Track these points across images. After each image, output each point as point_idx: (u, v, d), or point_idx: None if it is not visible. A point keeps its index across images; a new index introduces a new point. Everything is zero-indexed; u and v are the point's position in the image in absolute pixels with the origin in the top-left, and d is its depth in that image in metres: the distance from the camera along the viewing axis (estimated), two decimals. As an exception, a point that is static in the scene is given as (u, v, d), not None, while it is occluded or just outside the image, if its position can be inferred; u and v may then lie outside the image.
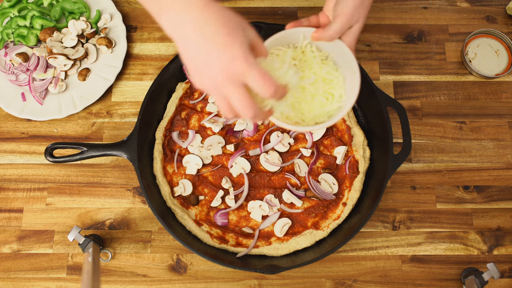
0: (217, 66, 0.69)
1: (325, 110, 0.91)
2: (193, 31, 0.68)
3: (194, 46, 0.69)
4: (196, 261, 1.21)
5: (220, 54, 0.68)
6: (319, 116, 0.91)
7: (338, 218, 1.17)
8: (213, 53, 0.68)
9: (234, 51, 0.68)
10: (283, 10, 1.43)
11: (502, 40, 1.37)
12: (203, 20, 0.68)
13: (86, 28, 1.35)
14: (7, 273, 1.20)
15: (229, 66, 0.68)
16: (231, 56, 0.68)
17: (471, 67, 1.32)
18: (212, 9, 0.69)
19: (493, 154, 1.29)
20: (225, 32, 0.68)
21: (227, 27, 0.69)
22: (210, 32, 0.68)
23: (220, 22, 0.68)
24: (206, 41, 0.68)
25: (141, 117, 1.18)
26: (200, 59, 0.70)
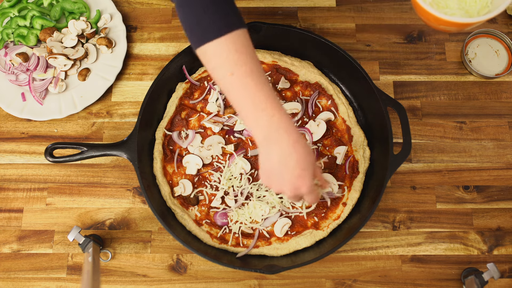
0: (289, 187, 0.93)
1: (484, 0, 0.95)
2: (279, 158, 0.90)
3: (276, 166, 0.91)
4: (196, 261, 1.21)
5: (293, 182, 0.92)
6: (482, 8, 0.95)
7: (338, 218, 1.17)
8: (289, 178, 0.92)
9: (304, 182, 0.92)
10: (283, 10, 1.43)
11: (502, 40, 1.37)
12: (290, 155, 0.90)
13: (86, 28, 1.35)
14: (7, 273, 1.20)
15: (297, 191, 0.94)
16: (301, 185, 0.93)
17: (471, 67, 1.32)
18: (299, 145, 0.90)
19: (493, 154, 1.29)
20: (302, 167, 0.91)
21: (305, 163, 0.91)
22: (292, 164, 0.90)
23: (301, 157, 0.90)
24: (287, 169, 0.91)
25: (141, 117, 1.18)
26: (276, 175, 0.93)
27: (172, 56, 1.38)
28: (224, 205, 1.19)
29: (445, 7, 0.97)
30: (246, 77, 0.87)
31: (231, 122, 1.25)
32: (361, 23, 1.41)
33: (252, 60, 0.88)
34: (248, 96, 0.88)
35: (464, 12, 0.96)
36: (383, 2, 1.43)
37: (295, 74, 1.30)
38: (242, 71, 0.87)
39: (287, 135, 0.89)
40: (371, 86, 1.19)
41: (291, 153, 0.90)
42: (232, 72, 0.87)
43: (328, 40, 1.23)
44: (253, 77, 0.87)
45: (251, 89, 0.87)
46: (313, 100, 1.27)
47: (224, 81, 0.88)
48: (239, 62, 0.86)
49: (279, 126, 0.89)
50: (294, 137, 0.90)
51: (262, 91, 0.88)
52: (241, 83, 0.87)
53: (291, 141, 0.89)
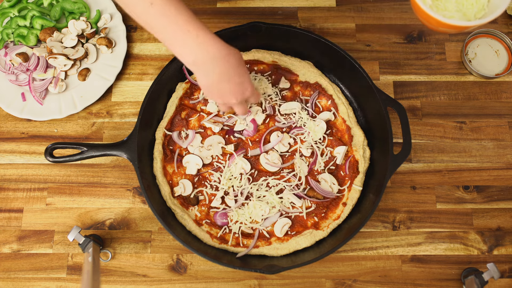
0: (234, 96, 1.05)
1: (481, 3, 0.98)
2: (218, 75, 0.98)
3: (215, 80, 1.00)
4: (196, 261, 1.21)
5: (236, 89, 1.04)
6: (478, 11, 0.99)
7: (338, 218, 1.17)
8: (231, 87, 1.03)
9: (246, 86, 1.05)
10: (283, 10, 1.43)
11: (502, 40, 1.37)
12: (225, 68, 0.98)
13: (86, 28, 1.35)
14: (7, 273, 1.20)
15: (242, 96, 1.06)
16: (244, 89, 1.05)
17: (471, 67, 1.32)
18: (231, 56, 0.98)
19: (493, 154, 1.29)
20: (240, 73, 1.01)
21: (240, 70, 1.01)
22: (231, 75, 1.00)
23: (237, 67, 1.00)
24: (228, 82, 1.01)
25: (141, 117, 1.18)
26: (220, 91, 1.03)
27: (172, 56, 1.38)
28: (224, 205, 1.19)
29: (444, 9, 0.98)
30: (165, 4, 0.90)
31: (231, 122, 1.25)
32: (361, 23, 1.41)
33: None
34: (170, 22, 0.91)
35: (462, 14, 0.98)
36: (383, 2, 1.43)
37: (295, 74, 1.30)
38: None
39: (216, 49, 0.95)
40: (371, 86, 1.19)
41: (225, 65, 0.97)
42: (151, 2, 0.90)
43: (328, 40, 1.23)
44: (172, 3, 0.91)
45: (172, 15, 0.91)
46: (313, 100, 1.27)
47: (146, 14, 0.91)
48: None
49: (207, 43, 0.94)
50: (223, 50, 0.96)
51: (183, 15, 0.91)
52: (162, 11, 0.90)
53: (222, 54, 0.95)
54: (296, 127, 1.25)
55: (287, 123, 1.25)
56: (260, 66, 1.30)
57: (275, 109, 1.26)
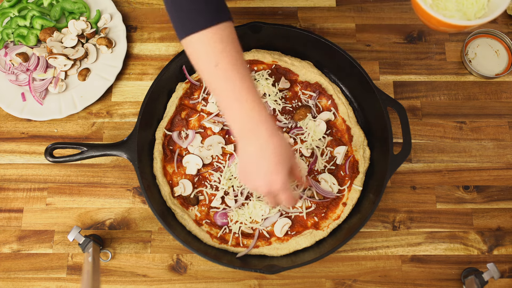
0: (262, 182, 0.93)
1: (481, 2, 0.98)
2: (256, 149, 0.91)
3: (252, 160, 0.92)
4: (196, 261, 1.21)
5: (267, 176, 0.92)
6: (478, 11, 0.99)
7: (338, 218, 1.17)
8: (263, 173, 0.92)
9: (278, 177, 0.92)
10: (283, 10, 1.43)
11: (502, 40, 1.37)
12: (266, 145, 0.90)
13: (86, 28, 1.35)
14: (7, 273, 1.20)
15: (270, 186, 0.93)
16: (274, 180, 0.92)
17: (471, 67, 1.32)
18: (276, 138, 0.91)
19: (493, 154, 1.29)
20: (276, 161, 0.91)
21: (279, 158, 0.91)
22: (268, 155, 0.91)
23: (277, 148, 0.91)
24: (261, 162, 0.91)
25: (141, 117, 1.18)
26: (251, 170, 0.93)
27: (172, 56, 1.38)
28: (224, 205, 1.19)
29: (444, 9, 0.99)
30: (230, 68, 0.87)
31: (231, 122, 1.25)
32: (361, 23, 1.41)
33: (237, 52, 0.89)
34: (231, 88, 0.88)
35: (462, 14, 0.99)
36: (383, 2, 1.43)
37: (295, 74, 1.30)
38: (227, 62, 0.87)
39: (265, 127, 0.90)
40: (371, 86, 1.19)
41: (268, 144, 0.90)
42: (217, 63, 0.87)
43: (328, 40, 1.23)
44: (237, 69, 0.88)
45: (234, 81, 0.88)
46: (314, 100, 1.27)
47: (208, 72, 0.89)
48: (224, 53, 0.87)
49: (258, 119, 0.90)
50: (272, 129, 0.91)
51: (245, 83, 0.89)
52: (224, 75, 0.88)
53: (268, 133, 0.90)
54: (296, 127, 1.25)
55: (287, 123, 1.25)
56: (260, 66, 1.30)
57: (275, 109, 1.26)
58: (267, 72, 1.29)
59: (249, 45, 1.30)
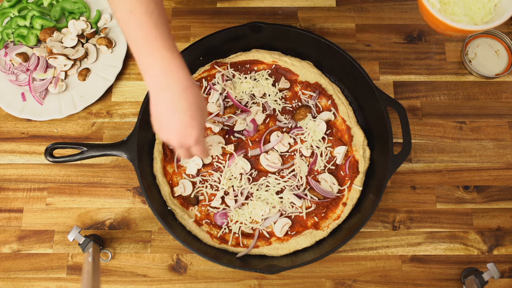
0: (176, 135, 0.93)
1: (488, 7, 0.98)
2: (168, 102, 0.90)
3: (165, 112, 0.91)
4: (196, 261, 1.21)
5: (180, 129, 0.92)
6: (485, 15, 0.99)
7: (338, 218, 1.17)
8: (176, 125, 0.92)
9: (192, 131, 0.93)
10: (283, 10, 1.43)
11: (502, 40, 1.37)
12: (179, 98, 0.90)
13: (86, 28, 1.35)
14: (7, 273, 1.20)
15: (183, 139, 0.94)
16: (188, 133, 0.93)
17: (471, 67, 1.32)
18: (190, 91, 0.91)
19: (493, 154, 1.29)
20: (191, 114, 0.91)
21: (194, 111, 0.91)
22: (180, 110, 0.90)
23: (190, 105, 0.91)
24: (175, 114, 0.91)
25: (141, 117, 1.18)
26: (165, 121, 0.92)
27: (172, 56, 1.38)
28: (224, 205, 1.19)
29: (452, 13, 0.99)
30: (144, 16, 0.87)
31: (231, 122, 1.25)
32: (361, 23, 1.41)
33: (154, 3, 0.89)
34: (143, 35, 0.88)
35: (469, 18, 0.99)
36: (383, 2, 1.43)
37: (295, 74, 1.30)
38: (142, 10, 0.87)
39: (178, 79, 0.89)
40: (371, 86, 1.19)
41: (181, 98, 0.90)
42: (131, 10, 0.87)
43: (328, 40, 1.23)
44: (152, 17, 0.88)
45: (147, 29, 0.88)
46: (314, 100, 1.27)
47: (123, 19, 0.89)
48: (140, 1, 0.87)
49: (171, 69, 0.89)
50: (185, 82, 0.90)
51: (159, 32, 0.88)
52: (138, 22, 0.87)
53: (181, 86, 0.89)
54: (296, 127, 1.25)
55: (287, 123, 1.25)
56: (260, 66, 1.30)
57: (275, 109, 1.26)
58: (267, 72, 1.29)
59: (249, 45, 1.30)
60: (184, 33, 1.41)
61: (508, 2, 0.97)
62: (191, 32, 1.41)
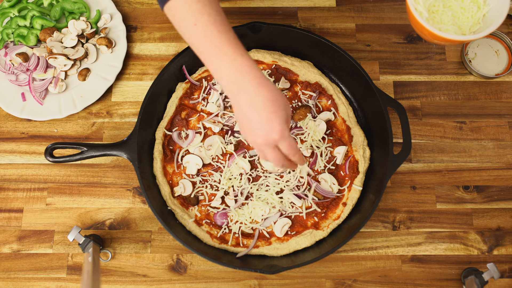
0: (259, 133, 0.90)
1: (476, 17, 0.99)
2: (246, 102, 0.89)
3: (245, 112, 0.90)
4: (196, 261, 1.21)
5: (262, 126, 0.89)
6: (473, 25, 1.00)
7: (338, 218, 1.17)
8: (258, 123, 0.90)
9: (274, 125, 0.89)
10: (283, 10, 1.43)
11: (502, 40, 1.37)
12: (255, 96, 0.89)
13: (86, 28, 1.35)
14: (7, 273, 1.20)
15: (267, 136, 0.90)
16: (270, 129, 0.89)
17: (471, 67, 1.32)
18: (265, 88, 0.89)
19: (493, 154, 1.29)
20: (270, 110, 0.89)
21: (273, 106, 0.89)
22: (259, 107, 0.89)
23: (268, 100, 0.89)
24: (254, 112, 0.89)
25: (141, 117, 1.18)
26: (247, 123, 0.91)
27: (172, 56, 1.38)
28: (224, 205, 1.19)
29: (439, 22, 1.00)
30: (209, 25, 0.89)
31: (231, 122, 1.25)
32: (361, 23, 1.41)
33: (215, 10, 0.91)
34: (211, 43, 0.90)
35: (457, 28, 0.99)
36: (383, 2, 1.43)
37: (295, 74, 1.30)
38: (205, 20, 0.89)
39: (251, 77, 0.90)
40: (371, 86, 1.19)
41: (257, 95, 0.89)
42: (195, 23, 0.89)
43: (328, 40, 1.23)
44: (216, 25, 0.90)
45: (213, 37, 0.89)
46: (314, 100, 1.27)
47: (189, 32, 0.91)
48: (202, 12, 0.89)
49: (242, 69, 0.90)
50: (258, 79, 0.90)
51: (225, 38, 0.90)
52: (204, 32, 0.89)
53: (255, 83, 0.89)
54: (296, 127, 1.25)
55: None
56: (260, 66, 1.30)
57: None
58: (267, 72, 1.29)
59: (249, 45, 1.30)
60: (184, 33, 1.41)
61: (496, 13, 0.98)
62: (191, 32, 1.41)
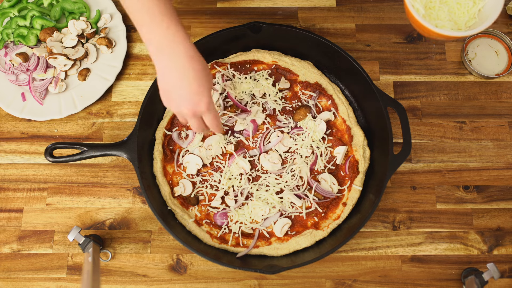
0: (186, 104, 0.95)
1: (472, 12, 1.01)
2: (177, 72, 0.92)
3: (173, 82, 0.93)
4: (196, 261, 1.21)
5: (191, 97, 0.95)
6: (469, 20, 1.02)
7: (338, 218, 1.17)
8: (186, 93, 0.94)
9: (202, 98, 0.95)
10: (283, 10, 1.43)
11: (502, 40, 1.37)
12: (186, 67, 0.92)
13: (86, 28, 1.36)
14: (7, 273, 1.20)
15: (195, 107, 0.96)
16: (198, 100, 0.95)
17: (471, 67, 1.32)
18: (197, 61, 0.93)
19: (493, 154, 1.29)
20: (199, 83, 0.94)
21: (201, 79, 0.94)
22: (189, 79, 0.93)
23: (198, 73, 0.93)
24: (183, 82, 0.93)
25: (141, 117, 1.18)
26: (174, 91, 0.95)
27: (172, 56, 1.38)
28: (224, 205, 1.19)
29: (436, 18, 1.02)
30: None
31: (231, 122, 1.25)
32: (361, 23, 1.41)
33: None
34: (145, 8, 0.90)
35: (453, 23, 1.01)
36: (383, 2, 1.43)
37: (295, 74, 1.30)
38: None
39: (184, 48, 0.91)
40: (371, 86, 1.19)
41: (188, 67, 0.92)
42: None
43: (328, 40, 1.23)
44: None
45: (151, 3, 0.90)
46: (314, 100, 1.27)
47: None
48: None
49: (174, 38, 0.91)
50: (190, 52, 0.92)
51: (163, 6, 0.90)
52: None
53: (187, 56, 0.92)
54: (296, 127, 1.25)
55: (287, 123, 1.25)
56: (260, 66, 1.30)
57: (275, 109, 1.26)
58: (267, 72, 1.29)
59: (249, 45, 1.30)
60: (184, 33, 1.41)
61: (492, 8, 0.99)
62: (191, 32, 1.41)
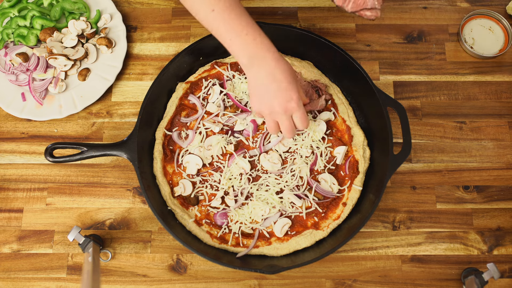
0: (278, 101, 1.03)
1: None
2: (266, 74, 1.02)
3: (265, 84, 1.02)
4: (196, 261, 1.21)
5: (282, 94, 1.03)
6: None
7: (338, 218, 1.17)
8: (277, 92, 1.03)
9: (292, 94, 1.03)
10: (283, 10, 1.43)
11: (491, 17, 1.40)
12: (275, 68, 1.01)
13: (86, 28, 1.36)
14: (7, 273, 1.20)
15: (287, 103, 1.04)
16: (289, 96, 1.03)
17: (475, 52, 1.35)
18: (283, 62, 1.03)
19: (493, 154, 1.29)
20: (288, 80, 1.02)
21: (289, 78, 1.03)
22: (279, 78, 1.02)
23: (285, 72, 1.02)
24: (275, 83, 1.02)
25: (141, 117, 1.18)
26: (265, 92, 1.03)
27: (172, 56, 1.38)
28: (224, 205, 1.19)
29: None
30: (225, 10, 0.99)
31: (231, 122, 1.25)
32: (361, 23, 1.41)
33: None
34: (230, 26, 1.00)
35: None
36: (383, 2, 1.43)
37: (295, 74, 1.30)
38: (221, 6, 0.99)
39: (270, 53, 1.01)
40: (371, 86, 1.19)
41: (276, 68, 1.01)
42: (212, 9, 0.99)
43: (328, 40, 1.24)
44: (233, 10, 1.00)
45: (231, 20, 1.00)
46: (313, 100, 1.27)
47: (208, 19, 1.01)
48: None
49: (262, 46, 1.01)
50: (276, 55, 1.02)
51: (242, 20, 1.00)
52: (221, 17, 1.00)
53: (274, 58, 1.01)
54: (296, 127, 1.25)
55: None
56: (260, 66, 1.30)
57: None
58: (267, 72, 1.29)
59: (249, 45, 1.30)
60: (184, 33, 1.41)
61: None
62: (191, 32, 1.41)
